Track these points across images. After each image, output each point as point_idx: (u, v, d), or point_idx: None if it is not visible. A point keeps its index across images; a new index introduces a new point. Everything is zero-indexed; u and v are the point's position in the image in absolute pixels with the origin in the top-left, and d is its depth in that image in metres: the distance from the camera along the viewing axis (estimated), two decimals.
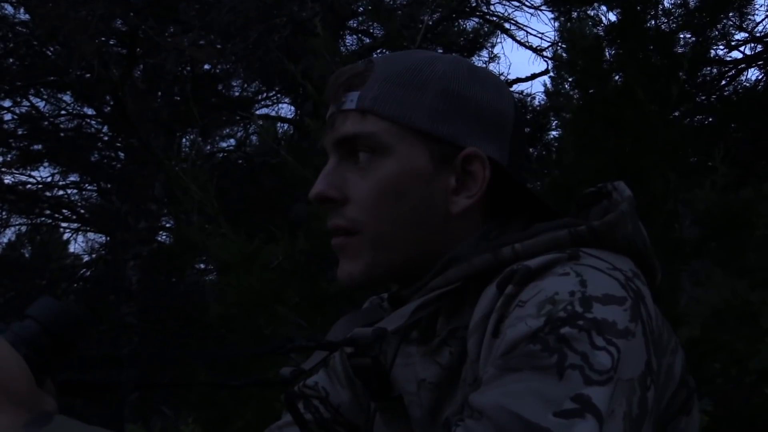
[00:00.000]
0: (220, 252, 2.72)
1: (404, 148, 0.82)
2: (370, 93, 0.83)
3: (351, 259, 0.84)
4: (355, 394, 1.03)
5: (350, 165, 0.84)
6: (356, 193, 0.83)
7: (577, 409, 0.60)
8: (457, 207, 0.84)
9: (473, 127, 0.84)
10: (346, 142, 0.84)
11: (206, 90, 7.88)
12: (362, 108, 0.83)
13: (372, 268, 0.84)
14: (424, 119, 0.82)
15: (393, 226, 0.83)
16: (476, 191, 0.84)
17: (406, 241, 0.83)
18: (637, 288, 0.71)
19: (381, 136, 0.82)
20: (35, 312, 0.64)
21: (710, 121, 4.96)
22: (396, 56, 0.88)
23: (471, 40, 7.41)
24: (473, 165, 0.83)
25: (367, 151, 0.83)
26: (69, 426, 0.56)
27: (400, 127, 0.82)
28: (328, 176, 0.85)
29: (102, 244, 9.15)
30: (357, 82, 0.84)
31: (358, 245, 0.83)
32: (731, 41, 5.45)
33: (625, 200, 0.81)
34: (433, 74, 0.84)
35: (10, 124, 8.09)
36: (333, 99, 0.86)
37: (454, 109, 0.84)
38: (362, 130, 0.83)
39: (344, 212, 0.84)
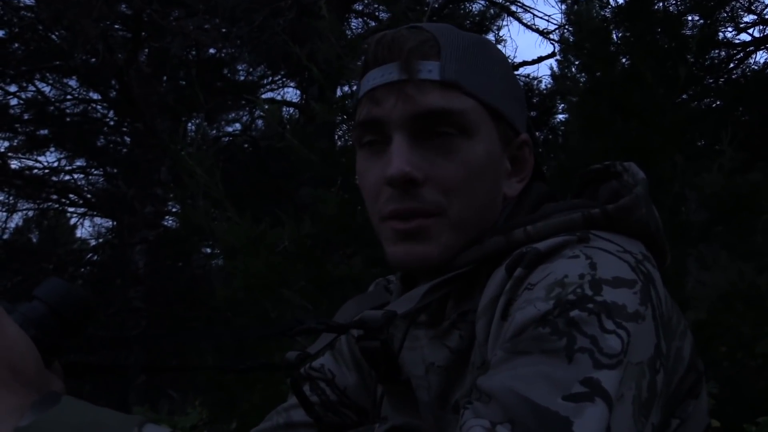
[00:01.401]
0: (226, 236, 2.72)
1: (485, 128, 0.80)
2: (452, 65, 0.78)
3: (427, 242, 0.79)
4: (361, 377, 1.03)
5: (427, 143, 0.78)
6: (440, 175, 0.78)
7: (586, 392, 0.59)
8: (512, 191, 0.83)
9: (521, 110, 0.85)
10: (429, 116, 0.77)
11: (212, 74, 7.86)
12: (446, 80, 0.77)
13: (449, 250, 0.80)
14: (500, 99, 0.81)
15: (473, 208, 0.80)
16: (525, 175, 0.84)
17: (478, 223, 0.81)
18: (648, 271, 0.71)
19: (469, 115, 0.78)
20: (43, 293, 0.64)
21: (718, 104, 4.93)
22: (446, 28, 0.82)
23: (477, 23, 7.36)
24: (524, 150, 0.84)
25: (454, 128, 0.78)
26: (76, 406, 0.56)
27: (482, 106, 0.79)
28: (407, 155, 0.77)
29: (109, 228, 9.19)
30: (431, 51, 0.78)
31: (438, 227, 0.79)
32: (740, 23, 5.42)
33: (640, 183, 0.80)
34: (496, 55, 0.83)
35: (16, 109, 8.10)
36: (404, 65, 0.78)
37: (512, 92, 0.84)
38: (452, 106, 0.77)
39: (423, 194, 0.78)
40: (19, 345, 0.60)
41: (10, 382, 0.57)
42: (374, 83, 0.79)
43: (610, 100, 2.79)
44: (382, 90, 0.78)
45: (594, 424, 0.58)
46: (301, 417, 1.00)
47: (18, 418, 0.54)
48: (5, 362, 0.58)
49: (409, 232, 0.79)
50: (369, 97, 0.80)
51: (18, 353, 0.59)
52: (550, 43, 7.53)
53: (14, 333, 0.60)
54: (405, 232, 0.79)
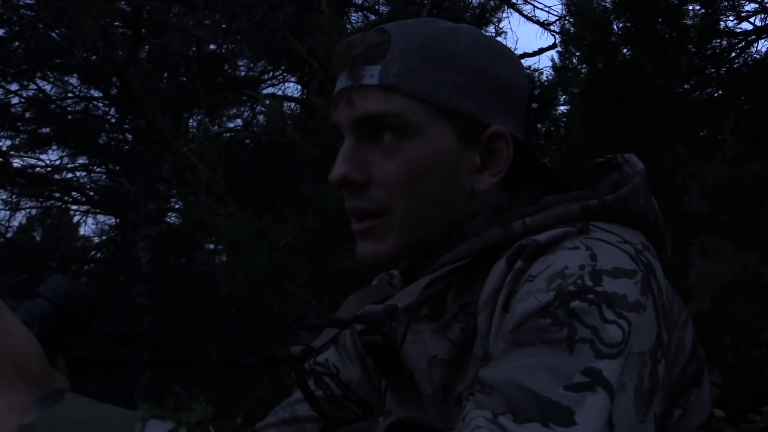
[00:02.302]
0: (229, 231, 2.72)
1: (431, 127, 0.80)
2: (393, 68, 0.79)
3: (377, 241, 0.82)
4: (365, 371, 1.03)
5: (371, 145, 0.81)
6: (382, 175, 0.80)
7: (587, 382, 0.60)
8: (483, 185, 0.83)
9: (495, 103, 0.83)
10: (369, 121, 0.80)
11: (212, 70, 7.85)
12: (385, 84, 0.79)
13: (399, 248, 0.82)
14: (450, 96, 0.80)
15: (421, 206, 0.81)
16: (501, 169, 0.83)
17: (433, 220, 0.82)
18: (648, 261, 0.71)
19: (408, 116, 0.79)
20: (47, 291, 0.64)
21: (720, 94, 4.92)
22: (412, 26, 0.83)
23: (477, 15, 7.33)
24: (497, 143, 0.83)
25: (393, 131, 0.79)
26: (80, 403, 0.56)
27: (426, 106, 0.79)
28: (349, 158, 0.81)
29: (112, 225, 9.18)
30: (375, 55, 0.80)
31: (386, 226, 0.82)
32: (741, 12, 5.39)
33: (638, 174, 0.80)
34: (455, 48, 0.81)
35: (18, 108, 8.09)
36: (348, 72, 0.81)
37: (478, 86, 0.81)
38: (388, 109, 0.79)
39: (368, 194, 0.81)
40: (24, 343, 0.60)
41: (14, 379, 0.57)
42: (336, 89, 0.83)
43: (612, 91, 2.78)
44: (338, 96, 0.83)
45: (596, 413, 0.58)
46: (306, 412, 1.01)
47: (22, 415, 0.55)
48: (10, 360, 0.58)
49: (362, 232, 0.83)
50: (333, 102, 0.84)
51: (22, 351, 0.59)
52: (551, 34, 7.50)
53: (18, 331, 0.60)
54: (359, 232, 0.83)
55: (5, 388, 0.56)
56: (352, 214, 0.84)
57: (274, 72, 8.71)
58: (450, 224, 0.83)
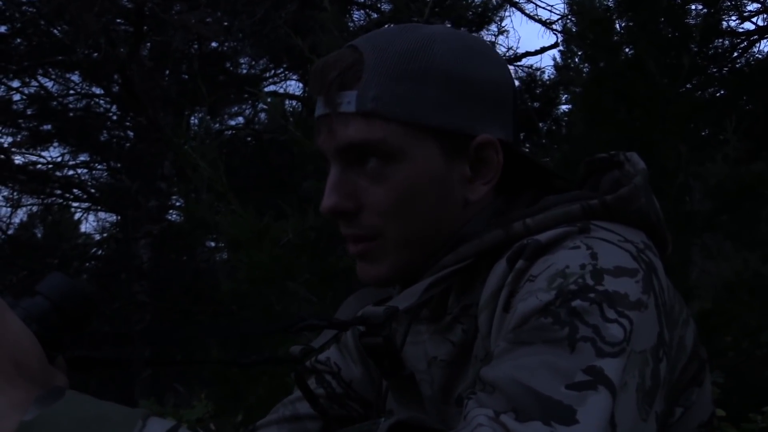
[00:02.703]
0: (230, 229, 2.72)
1: (416, 149, 0.78)
2: (370, 92, 0.77)
3: (375, 263, 0.82)
4: (367, 370, 1.03)
5: (358, 170, 0.80)
6: (372, 201, 0.79)
7: (589, 381, 0.60)
8: (476, 195, 0.82)
9: (480, 111, 0.81)
10: (353, 149, 0.79)
11: (214, 67, 7.85)
12: (363, 111, 0.77)
13: (397, 268, 0.82)
14: (432, 114, 0.78)
15: (413, 227, 0.81)
16: (492, 177, 0.82)
17: (428, 238, 0.82)
18: (649, 260, 0.71)
19: (391, 140, 0.77)
20: (45, 288, 0.64)
21: (722, 94, 4.91)
22: (383, 40, 0.80)
23: (479, 14, 7.32)
24: (486, 151, 0.81)
25: (377, 156, 0.78)
26: (80, 401, 0.56)
27: (408, 127, 0.78)
28: (337, 187, 0.80)
29: (113, 223, 9.20)
30: (350, 79, 0.78)
31: (381, 249, 0.81)
32: (743, 12, 5.38)
33: (640, 173, 0.80)
34: (430, 59, 0.78)
35: (19, 105, 8.09)
36: (325, 99, 0.79)
37: (459, 97, 0.79)
38: (369, 136, 0.77)
39: (360, 221, 0.81)
40: (23, 340, 0.60)
41: (13, 377, 0.57)
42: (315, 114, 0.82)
43: (614, 91, 2.78)
44: (319, 122, 0.81)
45: (597, 412, 0.58)
46: (307, 409, 1.01)
47: (22, 412, 0.54)
48: (9, 358, 0.58)
49: (359, 255, 0.83)
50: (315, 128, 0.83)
51: (21, 349, 0.59)
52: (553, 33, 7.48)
53: (17, 328, 0.60)
54: (356, 254, 0.83)
55: (5, 385, 0.56)
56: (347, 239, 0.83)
57: (275, 70, 8.71)
58: (446, 237, 0.82)
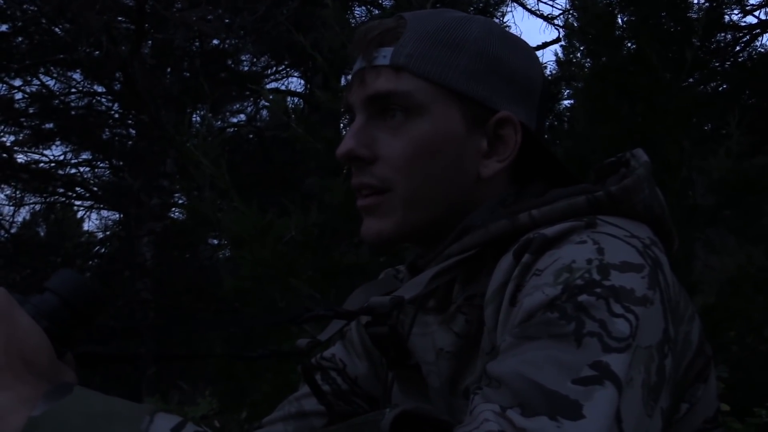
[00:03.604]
0: (233, 226, 2.72)
1: (439, 108, 0.81)
2: (405, 49, 0.82)
3: (380, 218, 0.84)
4: (372, 366, 1.03)
5: (380, 123, 0.83)
6: (387, 152, 0.82)
7: (595, 376, 0.60)
8: (488, 171, 0.84)
9: (506, 90, 0.84)
10: (379, 99, 0.82)
11: (216, 65, 7.85)
12: (396, 64, 0.81)
13: (401, 227, 0.83)
14: (460, 79, 0.82)
15: (424, 185, 0.82)
16: (507, 155, 0.84)
17: (436, 201, 0.83)
18: (655, 255, 0.71)
19: (416, 95, 0.81)
20: (54, 285, 0.65)
21: (724, 88, 4.90)
22: (428, 13, 0.86)
23: (481, 9, 7.31)
24: (505, 129, 0.83)
25: (401, 109, 0.82)
26: (89, 396, 0.57)
27: (435, 87, 0.81)
28: (357, 134, 0.83)
29: (115, 221, 9.20)
30: (390, 38, 0.83)
31: (389, 203, 0.83)
32: (746, 6, 5.37)
33: (642, 165, 0.80)
34: (468, 34, 0.83)
35: (22, 103, 8.09)
36: (363, 54, 0.84)
37: (489, 72, 0.83)
38: (397, 87, 0.81)
39: (373, 170, 0.83)
40: (32, 336, 0.60)
41: (23, 372, 0.57)
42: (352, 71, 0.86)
43: (616, 85, 2.77)
44: (353, 77, 0.85)
45: (604, 407, 0.58)
46: (313, 406, 1.01)
47: (31, 408, 0.55)
48: (18, 353, 0.58)
49: (366, 208, 0.84)
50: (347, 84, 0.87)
51: (31, 344, 0.60)
52: (555, 28, 7.49)
53: (27, 324, 0.60)
54: (363, 208, 0.85)
55: (14, 380, 0.57)
56: (357, 189, 0.85)
57: (277, 67, 8.71)
58: (453, 207, 0.84)
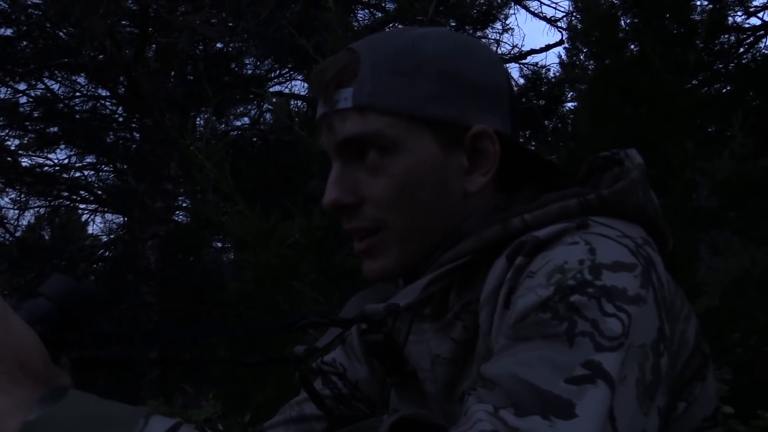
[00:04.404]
0: (236, 229, 2.72)
1: (412, 140, 0.80)
2: (365, 87, 0.80)
3: (380, 257, 0.84)
4: (372, 370, 1.04)
5: (357, 165, 0.82)
6: (372, 194, 0.81)
7: (588, 375, 0.60)
8: (474, 186, 0.83)
9: (474, 103, 0.82)
10: (350, 143, 0.81)
11: (219, 68, 7.86)
12: (359, 105, 0.80)
13: (403, 261, 0.83)
14: (425, 105, 0.80)
15: (415, 217, 0.82)
16: (489, 167, 0.83)
17: (430, 229, 0.83)
18: (648, 255, 0.71)
19: (387, 133, 0.80)
20: (47, 290, 0.65)
21: (728, 90, 4.89)
22: (378, 40, 0.84)
23: (484, 12, 7.32)
24: (483, 142, 0.83)
25: (375, 149, 0.80)
26: (84, 400, 0.57)
27: (403, 119, 0.80)
28: (338, 182, 0.82)
29: (120, 224, 9.22)
30: (347, 78, 0.81)
31: (385, 241, 0.83)
32: (749, 7, 5.36)
33: (636, 168, 0.80)
34: (424, 55, 0.81)
35: (26, 107, 8.12)
36: (324, 98, 0.83)
37: (453, 89, 0.81)
38: (366, 129, 0.80)
39: (363, 213, 0.82)
40: (27, 341, 0.60)
41: (17, 377, 0.58)
42: (317, 116, 0.85)
43: (619, 87, 2.77)
44: (320, 121, 0.85)
45: (596, 405, 0.58)
46: (314, 410, 1.02)
47: (26, 412, 0.55)
48: (13, 358, 0.58)
49: (364, 252, 0.84)
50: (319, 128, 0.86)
51: (25, 349, 0.60)
52: (558, 30, 7.49)
53: (21, 329, 0.60)
54: (361, 252, 0.85)
55: (9, 385, 0.57)
56: (352, 234, 0.85)
57: (281, 70, 8.72)
58: (447, 228, 0.83)
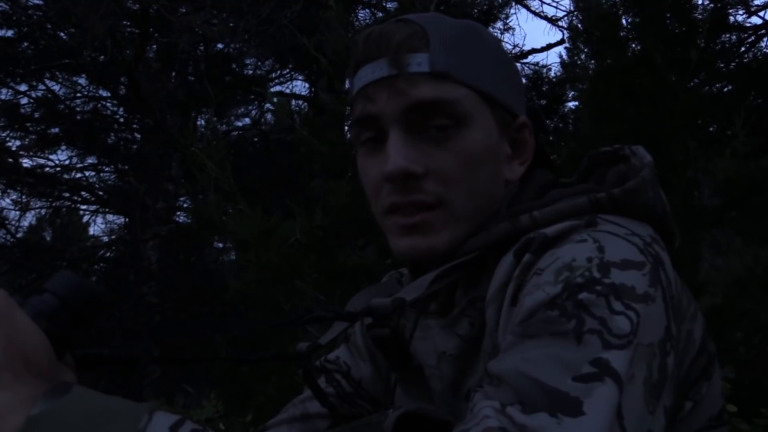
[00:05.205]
0: (238, 229, 2.72)
1: (481, 115, 0.80)
2: (441, 56, 0.78)
3: (432, 234, 0.79)
4: (376, 368, 1.03)
5: (422, 135, 0.79)
6: (438, 166, 0.78)
7: (595, 373, 0.59)
8: (513, 174, 0.84)
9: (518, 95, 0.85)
10: (421, 108, 0.78)
11: (220, 69, 7.86)
12: (437, 71, 0.78)
13: (454, 241, 0.80)
14: (493, 84, 0.81)
15: (474, 197, 0.80)
16: (527, 158, 0.85)
17: (481, 211, 0.82)
18: (656, 253, 0.71)
19: (463, 103, 0.78)
20: (53, 286, 0.65)
21: (729, 89, 4.89)
22: (436, 18, 0.82)
23: (485, 11, 7.32)
24: (523, 132, 0.84)
25: (448, 118, 0.78)
26: (87, 395, 0.57)
27: (475, 93, 0.79)
28: (403, 150, 0.77)
29: (121, 225, 9.23)
30: (420, 44, 0.78)
31: (441, 219, 0.79)
32: (751, 6, 5.36)
33: (646, 166, 0.79)
34: (486, 40, 0.83)
35: (27, 108, 8.13)
36: (390, 60, 0.78)
37: (507, 77, 0.83)
38: (443, 95, 0.77)
39: (423, 186, 0.78)
40: (32, 337, 0.60)
41: (22, 373, 0.58)
42: (366, 80, 0.80)
43: (621, 87, 2.77)
44: (374, 86, 0.79)
45: (604, 403, 0.58)
46: (317, 408, 1.01)
47: (30, 407, 0.55)
48: (18, 354, 0.58)
49: (413, 227, 0.79)
50: (362, 95, 0.81)
51: (30, 345, 0.60)
52: (559, 30, 7.49)
53: (27, 325, 0.60)
54: (409, 227, 0.79)
55: (13, 380, 0.57)
56: (400, 208, 0.79)
57: (281, 70, 8.72)
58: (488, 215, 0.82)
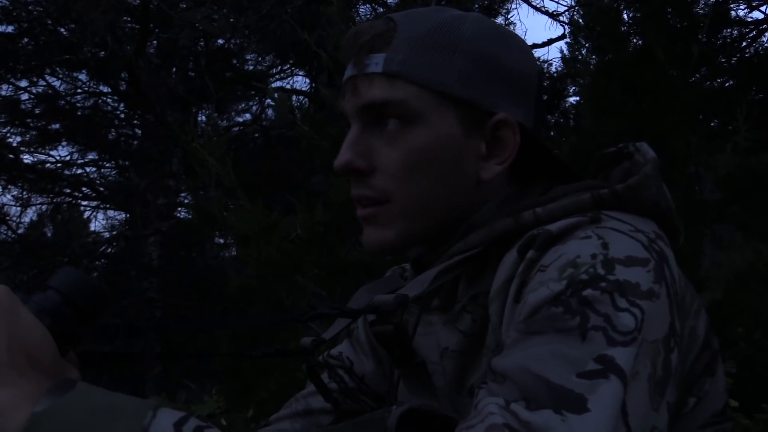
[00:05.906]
0: (239, 225, 2.72)
1: (435, 114, 0.80)
2: (398, 55, 0.79)
3: (381, 228, 0.82)
4: (379, 364, 1.03)
5: (376, 132, 0.81)
6: (385, 163, 0.80)
7: (600, 369, 0.59)
8: (488, 173, 0.82)
9: (502, 91, 0.82)
10: (373, 108, 0.80)
11: (221, 64, 7.85)
12: (390, 72, 0.79)
13: (402, 236, 0.82)
14: (455, 84, 0.80)
15: (424, 195, 0.81)
16: (507, 157, 0.83)
17: (436, 209, 0.82)
18: (661, 249, 0.70)
19: (412, 103, 0.79)
20: (56, 283, 0.65)
21: (731, 84, 4.88)
22: (418, 14, 0.83)
23: (486, 7, 7.30)
24: (503, 131, 0.82)
25: (397, 118, 0.80)
26: (92, 392, 0.57)
27: (430, 92, 0.79)
28: (353, 145, 0.81)
29: (122, 221, 9.23)
30: (381, 43, 0.80)
31: (388, 214, 0.81)
32: (752, 1, 5.35)
33: (649, 162, 0.79)
34: (461, 35, 0.81)
35: (27, 104, 8.13)
36: (354, 61, 0.82)
37: (484, 73, 0.81)
38: (392, 96, 0.79)
39: (371, 182, 0.81)
40: (35, 334, 0.60)
41: (26, 370, 0.58)
42: (344, 78, 0.84)
43: (622, 81, 2.76)
44: (345, 84, 0.83)
45: (608, 400, 0.58)
46: (320, 404, 1.01)
47: (34, 404, 0.55)
48: (22, 351, 0.58)
49: (365, 218, 0.83)
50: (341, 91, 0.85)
51: (34, 342, 0.60)
52: (560, 25, 7.45)
53: (30, 322, 0.61)
54: (362, 218, 0.83)
55: (17, 377, 0.57)
56: (356, 201, 0.84)
57: (282, 65, 8.71)
58: (455, 213, 0.82)
